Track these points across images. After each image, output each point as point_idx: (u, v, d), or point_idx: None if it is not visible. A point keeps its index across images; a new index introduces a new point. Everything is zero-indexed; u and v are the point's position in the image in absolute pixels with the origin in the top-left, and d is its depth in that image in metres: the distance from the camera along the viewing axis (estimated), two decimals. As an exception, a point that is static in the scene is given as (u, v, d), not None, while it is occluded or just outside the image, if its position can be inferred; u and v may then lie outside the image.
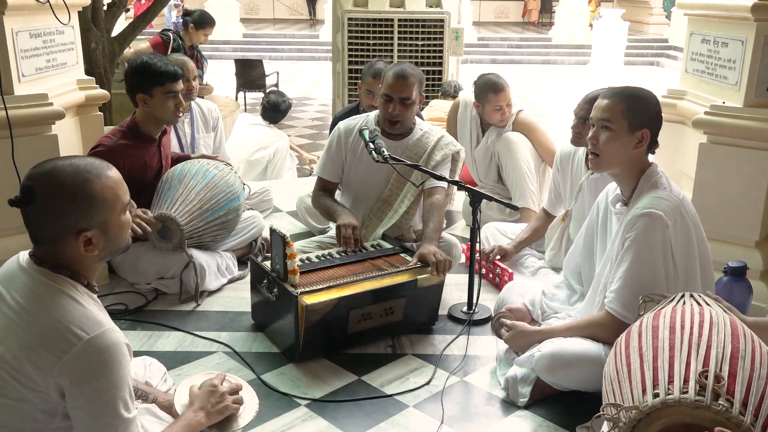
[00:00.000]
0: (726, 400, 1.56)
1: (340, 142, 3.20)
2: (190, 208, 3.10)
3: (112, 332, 1.54)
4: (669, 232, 2.18)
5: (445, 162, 3.15)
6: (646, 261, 2.19)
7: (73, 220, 1.55)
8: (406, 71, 3.03)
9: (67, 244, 1.58)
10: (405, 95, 3.00)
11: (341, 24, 6.41)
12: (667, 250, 2.19)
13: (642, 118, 2.26)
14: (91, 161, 1.63)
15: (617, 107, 2.26)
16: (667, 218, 2.18)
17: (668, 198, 2.23)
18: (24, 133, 2.90)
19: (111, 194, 1.60)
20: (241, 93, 9.58)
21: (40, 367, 1.49)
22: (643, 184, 2.30)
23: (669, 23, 18.06)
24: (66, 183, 1.55)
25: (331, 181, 3.25)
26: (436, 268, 2.75)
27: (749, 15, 2.97)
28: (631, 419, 1.64)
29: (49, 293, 1.55)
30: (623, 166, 2.32)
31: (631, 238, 2.21)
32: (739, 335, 1.74)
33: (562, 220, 3.27)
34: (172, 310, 3.07)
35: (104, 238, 1.60)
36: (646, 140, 2.27)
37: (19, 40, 3.00)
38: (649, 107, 2.29)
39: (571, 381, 2.33)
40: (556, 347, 2.30)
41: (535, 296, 2.71)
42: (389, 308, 2.73)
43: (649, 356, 1.74)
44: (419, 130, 3.19)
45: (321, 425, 2.27)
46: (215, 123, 4.09)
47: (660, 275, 2.19)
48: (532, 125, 4.05)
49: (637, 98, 2.28)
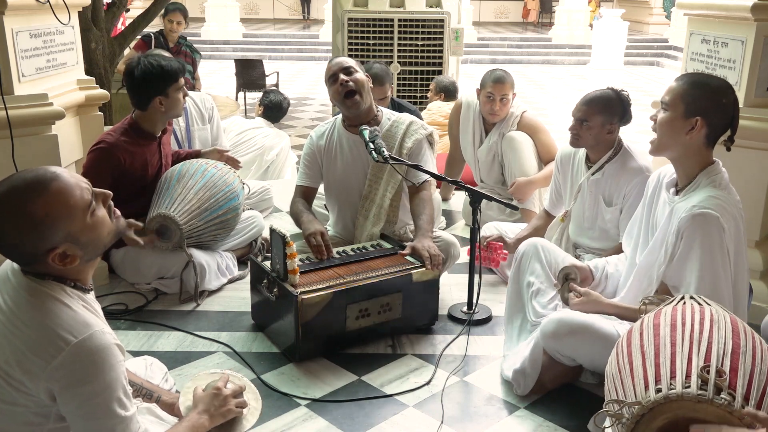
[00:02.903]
0: (728, 394, 1.57)
1: (313, 148, 3.21)
2: (189, 208, 3.11)
3: (101, 334, 1.51)
4: (725, 235, 2.13)
5: (419, 149, 3.11)
6: (713, 260, 2.13)
7: (32, 247, 1.48)
8: (339, 58, 3.15)
9: (45, 263, 1.53)
10: (345, 65, 3.04)
11: (341, 24, 6.41)
12: (724, 251, 2.14)
13: (699, 105, 2.20)
14: (29, 176, 1.49)
15: (679, 90, 2.24)
16: (723, 221, 2.13)
17: (725, 200, 2.18)
18: (24, 133, 2.90)
19: (61, 206, 1.48)
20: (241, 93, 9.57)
21: (30, 372, 1.48)
22: (702, 177, 2.24)
23: (669, 23, 18.05)
24: (4, 213, 1.45)
25: (310, 186, 3.25)
26: (430, 262, 2.76)
27: (749, 15, 2.97)
28: (634, 415, 1.65)
29: (37, 297, 1.52)
30: (679, 152, 2.27)
31: (692, 238, 2.14)
32: (740, 332, 1.75)
33: (562, 220, 3.27)
34: (172, 310, 3.07)
35: (78, 246, 1.53)
36: (700, 129, 2.20)
37: (19, 40, 3.00)
38: (712, 97, 2.22)
39: (574, 350, 2.33)
40: (566, 314, 2.32)
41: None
42: (386, 304, 2.73)
43: (650, 353, 1.74)
44: (387, 120, 3.17)
45: (321, 425, 2.28)
46: (210, 114, 4.05)
47: (727, 273, 2.14)
48: (538, 126, 4.05)
49: (702, 86, 2.24)
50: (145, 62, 3.11)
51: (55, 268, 1.54)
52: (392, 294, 2.73)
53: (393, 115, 3.21)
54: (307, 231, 2.93)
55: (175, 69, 3.12)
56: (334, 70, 3.05)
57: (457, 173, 4.43)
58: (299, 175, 3.27)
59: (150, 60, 3.12)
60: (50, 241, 1.49)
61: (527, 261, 2.74)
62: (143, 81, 3.10)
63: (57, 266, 1.53)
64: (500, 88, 3.88)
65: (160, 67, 3.10)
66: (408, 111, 4.24)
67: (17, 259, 1.55)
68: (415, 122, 3.18)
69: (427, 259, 2.78)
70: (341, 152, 3.16)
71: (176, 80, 3.13)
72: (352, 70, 3.04)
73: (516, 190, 3.88)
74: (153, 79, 3.09)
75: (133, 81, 3.13)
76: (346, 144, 3.14)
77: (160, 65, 3.10)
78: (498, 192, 4.08)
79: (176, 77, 3.13)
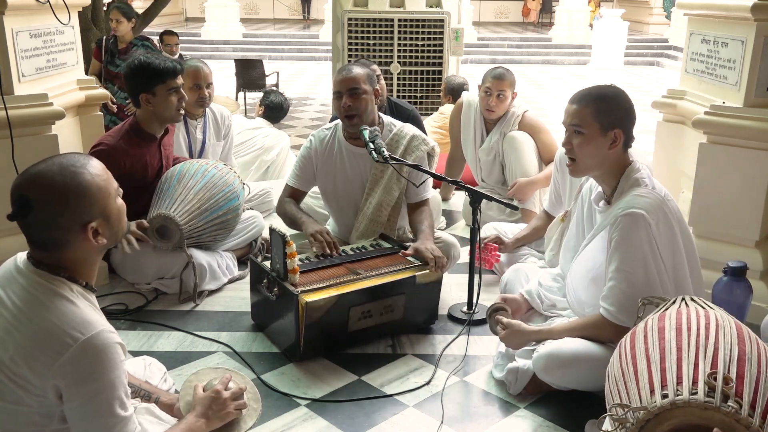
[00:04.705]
0: (735, 402, 1.55)
1: (311, 152, 3.20)
2: (189, 208, 3.10)
3: (106, 333, 1.54)
4: (652, 230, 2.18)
5: (420, 163, 3.08)
6: (634, 261, 2.19)
7: (75, 216, 1.56)
8: (350, 66, 3.09)
9: (75, 244, 1.57)
10: (352, 86, 3.00)
11: (341, 24, 6.40)
12: (653, 248, 2.18)
13: (613, 117, 2.26)
14: (72, 156, 1.63)
15: (586, 110, 2.27)
16: (649, 217, 2.17)
17: (649, 196, 2.23)
18: (24, 133, 2.90)
19: (102, 181, 1.61)
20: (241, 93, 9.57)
21: (37, 370, 1.49)
22: (623, 182, 2.30)
23: (669, 23, 18.04)
24: (57, 182, 1.54)
25: (300, 189, 3.25)
26: (434, 264, 2.76)
27: (749, 15, 2.97)
28: (639, 420, 1.63)
29: (45, 295, 1.55)
30: (602, 168, 2.32)
31: (616, 239, 2.21)
32: (745, 338, 1.74)
33: (562, 220, 3.27)
34: (172, 310, 3.07)
35: (107, 225, 1.62)
36: (620, 139, 2.27)
37: (19, 40, 3.00)
38: (619, 105, 2.29)
39: (569, 381, 2.33)
40: (553, 347, 2.30)
41: (533, 286, 2.71)
42: (389, 305, 2.73)
43: (656, 357, 1.73)
44: (388, 132, 3.16)
45: (321, 425, 2.27)
46: (227, 131, 4.04)
47: (651, 274, 2.19)
48: (539, 126, 4.05)
49: (606, 99, 2.28)
50: (135, 59, 3.16)
51: (81, 250, 1.59)
52: (395, 296, 2.73)
53: (395, 125, 3.20)
54: (312, 229, 2.93)
55: (162, 68, 3.10)
56: (340, 87, 3.02)
57: (457, 173, 4.43)
58: (291, 174, 3.27)
59: (140, 57, 3.16)
60: (89, 213, 1.57)
61: (512, 288, 2.81)
62: (127, 76, 3.17)
63: (88, 245, 1.58)
64: (498, 84, 3.89)
65: (146, 63, 3.11)
66: (405, 111, 4.24)
67: (52, 236, 1.57)
68: (416, 137, 3.16)
69: (431, 261, 2.77)
70: (340, 163, 3.16)
71: (162, 80, 3.10)
72: (358, 91, 2.99)
73: (517, 190, 3.88)
74: (135, 75, 3.12)
75: (124, 76, 3.21)
76: (345, 155, 3.14)
77: (144, 62, 3.11)
78: (498, 192, 4.08)
79: (162, 77, 3.10)
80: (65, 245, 1.57)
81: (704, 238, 3.15)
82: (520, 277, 2.83)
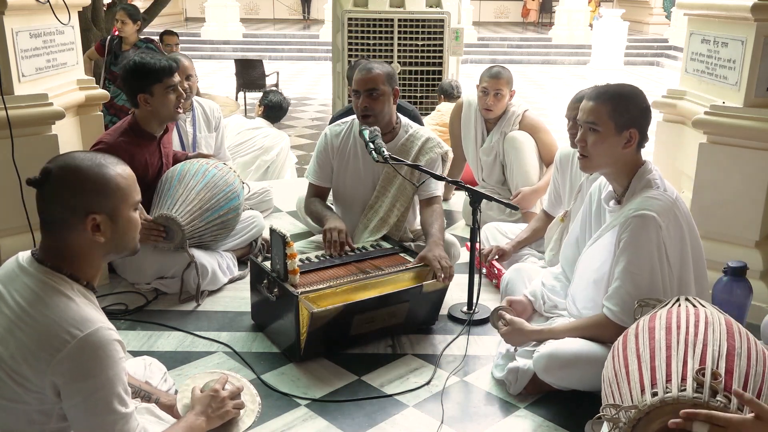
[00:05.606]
0: (724, 396, 1.57)
1: (327, 146, 3.21)
2: (190, 208, 3.11)
3: (104, 329, 1.54)
4: (663, 233, 2.17)
5: (432, 167, 3.10)
6: (641, 263, 2.18)
7: (84, 202, 1.57)
8: (371, 64, 3.07)
9: (75, 229, 1.58)
10: (370, 86, 2.99)
11: (341, 24, 6.40)
12: (661, 251, 2.18)
13: (629, 117, 2.24)
14: (110, 156, 1.67)
15: (603, 108, 2.24)
16: (660, 219, 2.16)
17: (661, 198, 2.22)
18: (24, 133, 2.90)
19: (124, 183, 1.63)
20: (241, 93, 9.58)
21: (36, 367, 1.50)
22: (635, 183, 2.29)
23: (669, 23, 18.06)
24: (82, 166, 1.59)
25: (323, 186, 3.26)
26: (443, 275, 2.73)
27: (749, 15, 2.97)
28: (630, 419, 1.65)
29: (47, 293, 1.55)
30: (614, 166, 2.31)
31: (626, 240, 2.20)
32: (734, 334, 1.75)
33: (562, 220, 3.27)
34: (172, 310, 3.07)
35: (112, 226, 1.61)
36: (635, 139, 2.25)
37: (19, 40, 3.00)
38: (636, 105, 2.27)
39: (570, 381, 2.33)
40: (554, 348, 2.30)
41: (537, 287, 2.71)
42: (392, 312, 2.73)
43: (646, 356, 1.75)
44: (404, 132, 3.17)
45: (321, 425, 2.27)
46: (217, 123, 4.08)
47: (656, 277, 2.18)
48: (539, 125, 4.05)
49: (623, 97, 2.26)
50: (132, 59, 3.16)
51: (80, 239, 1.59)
52: (400, 304, 2.72)
53: (411, 127, 3.20)
54: (329, 225, 2.94)
55: (158, 68, 3.10)
56: (358, 85, 3.02)
57: (457, 173, 4.43)
58: (312, 172, 3.27)
59: (137, 57, 3.16)
60: (100, 204, 1.59)
61: (513, 287, 2.80)
62: (124, 77, 3.17)
63: (86, 236, 1.59)
64: (494, 83, 3.89)
65: (141, 64, 3.10)
66: (406, 111, 4.24)
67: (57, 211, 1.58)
68: (431, 139, 3.17)
69: (439, 271, 2.74)
70: (354, 159, 3.16)
71: (159, 79, 3.10)
72: (377, 92, 2.99)
73: (521, 199, 3.87)
74: (132, 76, 3.12)
75: (121, 78, 3.21)
76: (360, 152, 3.15)
77: (141, 62, 3.11)
78: (499, 192, 4.08)
79: (158, 76, 3.10)
80: (65, 227, 1.58)
81: (704, 238, 3.14)
82: (521, 277, 2.82)
